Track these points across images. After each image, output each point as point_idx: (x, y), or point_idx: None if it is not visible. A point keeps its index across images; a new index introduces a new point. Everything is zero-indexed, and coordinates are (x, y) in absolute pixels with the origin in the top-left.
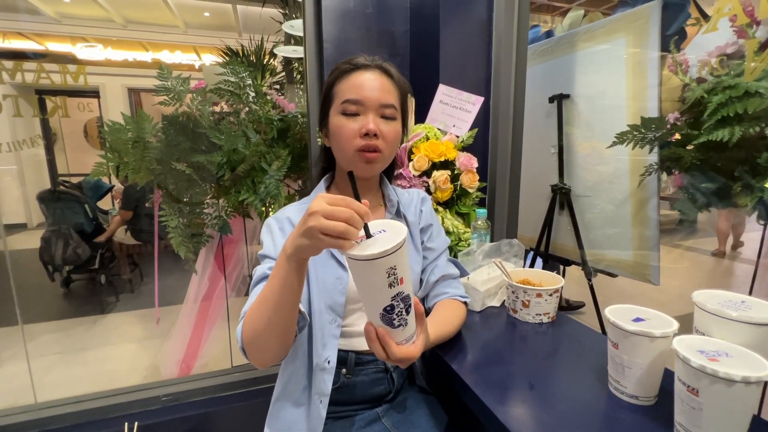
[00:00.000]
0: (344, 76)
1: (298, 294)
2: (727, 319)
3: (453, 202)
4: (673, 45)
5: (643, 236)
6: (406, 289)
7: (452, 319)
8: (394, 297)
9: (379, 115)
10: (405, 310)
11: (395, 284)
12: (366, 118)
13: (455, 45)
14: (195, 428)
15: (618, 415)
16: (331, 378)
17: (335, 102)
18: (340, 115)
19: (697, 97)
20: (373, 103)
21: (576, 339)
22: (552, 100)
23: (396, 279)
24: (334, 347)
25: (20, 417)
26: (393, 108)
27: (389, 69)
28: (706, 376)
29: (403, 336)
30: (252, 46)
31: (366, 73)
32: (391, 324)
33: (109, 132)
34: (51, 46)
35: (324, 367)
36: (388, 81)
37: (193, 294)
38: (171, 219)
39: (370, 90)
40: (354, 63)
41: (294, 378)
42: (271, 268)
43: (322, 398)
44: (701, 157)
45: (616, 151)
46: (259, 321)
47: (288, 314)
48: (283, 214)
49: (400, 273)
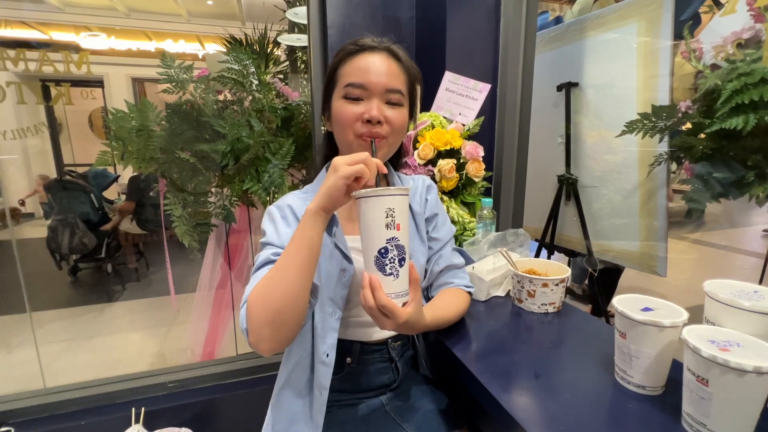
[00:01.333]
0: (349, 58)
1: (318, 253)
2: (739, 309)
3: (458, 191)
4: (686, 31)
5: (651, 227)
6: (402, 239)
7: (452, 305)
8: (389, 240)
9: (385, 101)
10: (398, 260)
11: (392, 227)
12: (370, 104)
13: (462, 31)
14: (200, 413)
15: (624, 405)
16: (330, 371)
17: (338, 85)
18: (342, 99)
19: (710, 85)
20: (378, 88)
21: (582, 329)
22: (560, 88)
23: (393, 222)
24: (334, 340)
25: (30, 401)
26: (399, 93)
27: (397, 52)
28: (716, 365)
29: (393, 288)
30: (255, 35)
31: (372, 55)
32: (383, 270)
33: (113, 120)
34: (54, 36)
35: (323, 360)
36: (395, 64)
37: (205, 282)
38: (175, 208)
39: (376, 74)
40: (360, 44)
41: (297, 369)
42: (276, 254)
43: (322, 391)
44: (714, 146)
45: (624, 141)
46: (274, 294)
47: (307, 277)
48: (284, 202)
49: (398, 219)
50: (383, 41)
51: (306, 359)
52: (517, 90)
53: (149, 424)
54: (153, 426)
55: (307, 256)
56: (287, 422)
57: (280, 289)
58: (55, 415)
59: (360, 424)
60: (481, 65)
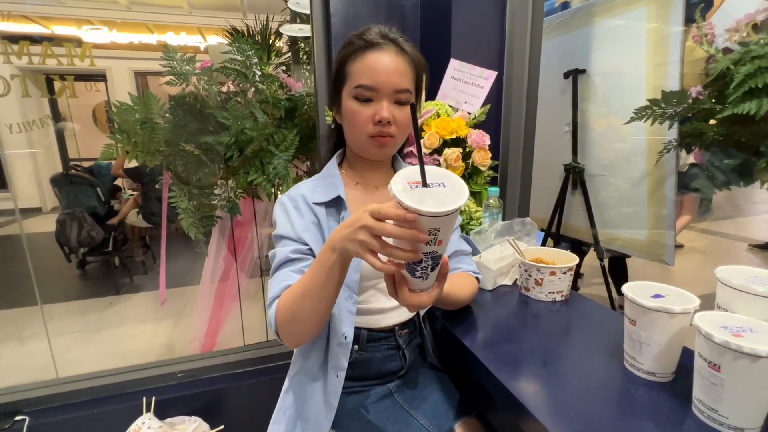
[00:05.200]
0: (357, 55)
1: (341, 283)
2: (752, 294)
3: (465, 180)
4: (698, 13)
5: (658, 215)
6: (441, 251)
7: (463, 287)
8: (427, 254)
9: (393, 101)
10: (431, 267)
11: (432, 243)
12: (380, 105)
13: (467, 18)
14: (209, 403)
15: (634, 392)
16: (347, 353)
17: (348, 84)
18: (353, 100)
19: (722, 69)
20: (387, 89)
21: (590, 317)
22: (567, 75)
23: (435, 240)
24: (351, 323)
25: (44, 391)
26: (408, 92)
27: (404, 45)
28: (729, 351)
29: (418, 286)
30: (257, 26)
31: (381, 54)
32: (413, 273)
33: (117, 113)
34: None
35: (341, 342)
36: (403, 62)
37: (208, 275)
38: (181, 201)
39: (385, 74)
40: (368, 40)
41: (313, 354)
42: (294, 251)
43: (339, 372)
44: (725, 131)
45: (632, 129)
46: (301, 310)
47: (330, 302)
48: (297, 192)
49: (441, 235)
50: (390, 33)
51: (321, 343)
52: (524, 77)
53: (160, 413)
54: (164, 415)
55: (333, 286)
56: (301, 405)
57: (305, 310)
58: (68, 404)
59: (368, 411)
60: (487, 52)
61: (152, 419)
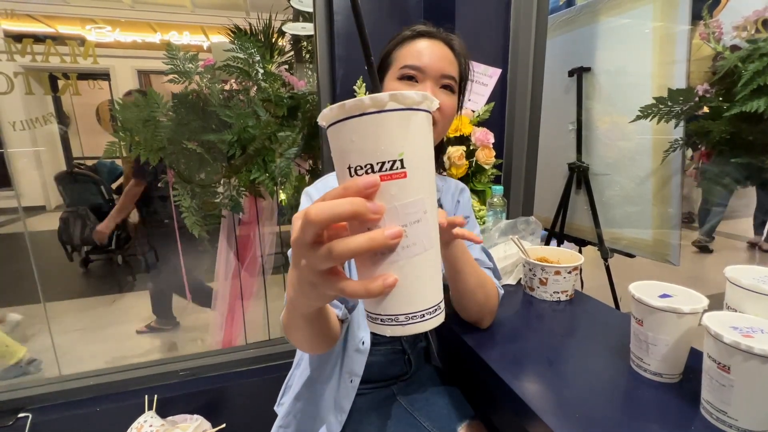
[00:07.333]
0: (405, 43)
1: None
2: (763, 294)
3: (468, 178)
4: (706, 10)
5: (664, 215)
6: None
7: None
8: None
9: (439, 85)
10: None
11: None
12: (424, 86)
13: (471, 14)
14: (211, 401)
15: (640, 393)
16: (364, 359)
17: (393, 67)
18: (396, 81)
19: (730, 66)
20: (434, 71)
21: (595, 317)
22: (572, 73)
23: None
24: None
25: (47, 388)
26: (453, 80)
27: (453, 41)
28: (739, 352)
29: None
30: (260, 24)
31: (430, 41)
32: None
33: (121, 110)
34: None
35: (358, 347)
36: (450, 53)
37: (222, 272)
38: (184, 199)
39: (432, 58)
40: (417, 30)
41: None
42: None
43: (353, 378)
44: (732, 130)
45: (638, 128)
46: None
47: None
48: (325, 184)
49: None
50: (440, 30)
51: (337, 348)
52: (528, 75)
53: (162, 411)
54: (165, 413)
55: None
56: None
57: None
58: (71, 401)
59: (372, 413)
60: (492, 49)
61: (154, 417)
